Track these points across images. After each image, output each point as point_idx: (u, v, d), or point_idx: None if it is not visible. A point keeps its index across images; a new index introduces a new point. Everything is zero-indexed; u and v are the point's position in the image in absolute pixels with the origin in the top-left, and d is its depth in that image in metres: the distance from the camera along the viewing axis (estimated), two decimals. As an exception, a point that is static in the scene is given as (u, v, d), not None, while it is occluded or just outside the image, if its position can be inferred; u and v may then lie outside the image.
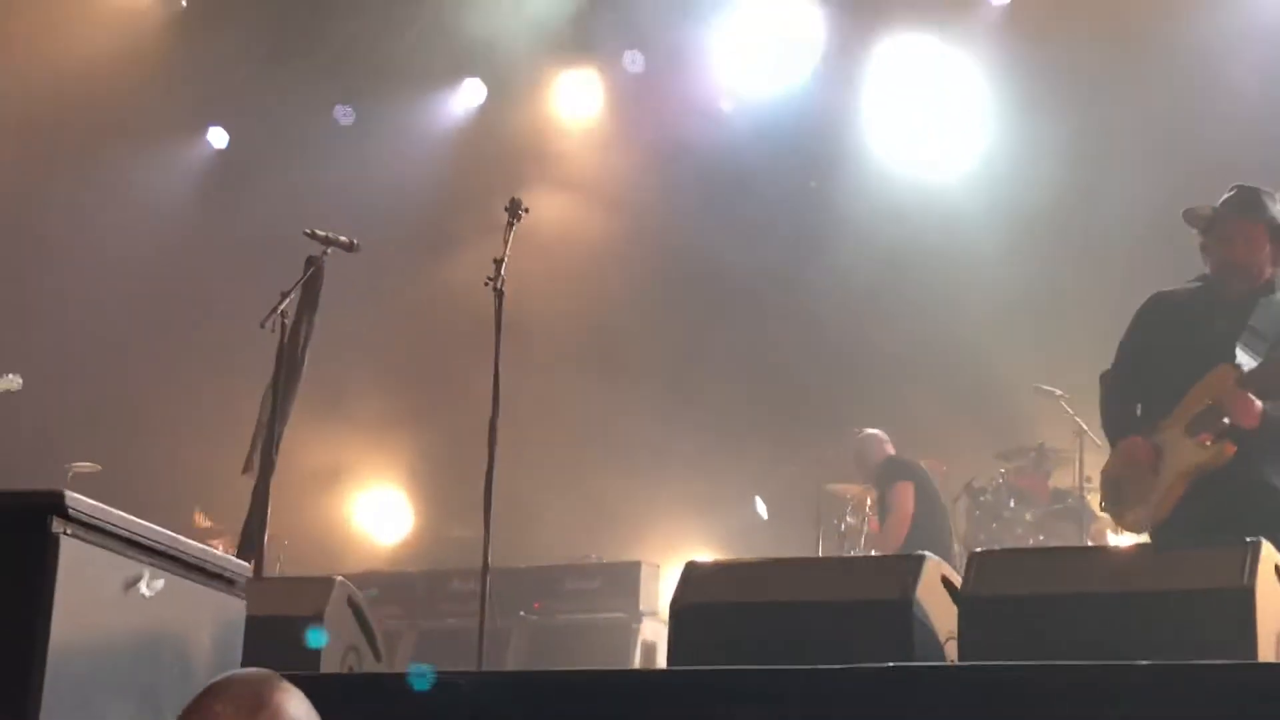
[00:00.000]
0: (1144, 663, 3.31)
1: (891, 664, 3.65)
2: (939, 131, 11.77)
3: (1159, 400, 5.95)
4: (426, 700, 3.67)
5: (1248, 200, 6.01)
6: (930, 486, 9.78)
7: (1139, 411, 6.01)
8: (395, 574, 10.69)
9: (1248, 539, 4.36)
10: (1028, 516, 9.71)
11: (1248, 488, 5.60)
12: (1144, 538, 6.07)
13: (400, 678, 3.93)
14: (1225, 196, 6.07)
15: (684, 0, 12.00)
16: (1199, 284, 6.11)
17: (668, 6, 12.02)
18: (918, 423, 9.84)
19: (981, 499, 9.75)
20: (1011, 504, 9.75)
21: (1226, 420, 5.61)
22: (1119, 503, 5.93)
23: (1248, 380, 5.63)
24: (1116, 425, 6.02)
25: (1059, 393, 9.80)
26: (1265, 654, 4.02)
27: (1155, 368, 6.00)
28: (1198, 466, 5.62)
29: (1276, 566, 4.33)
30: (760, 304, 11.95)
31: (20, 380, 8.72)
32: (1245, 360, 5.70)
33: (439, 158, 12.84)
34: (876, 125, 12.06)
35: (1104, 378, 6.16)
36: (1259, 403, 5.61)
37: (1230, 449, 5.58)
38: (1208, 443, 5.62)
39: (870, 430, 10.05)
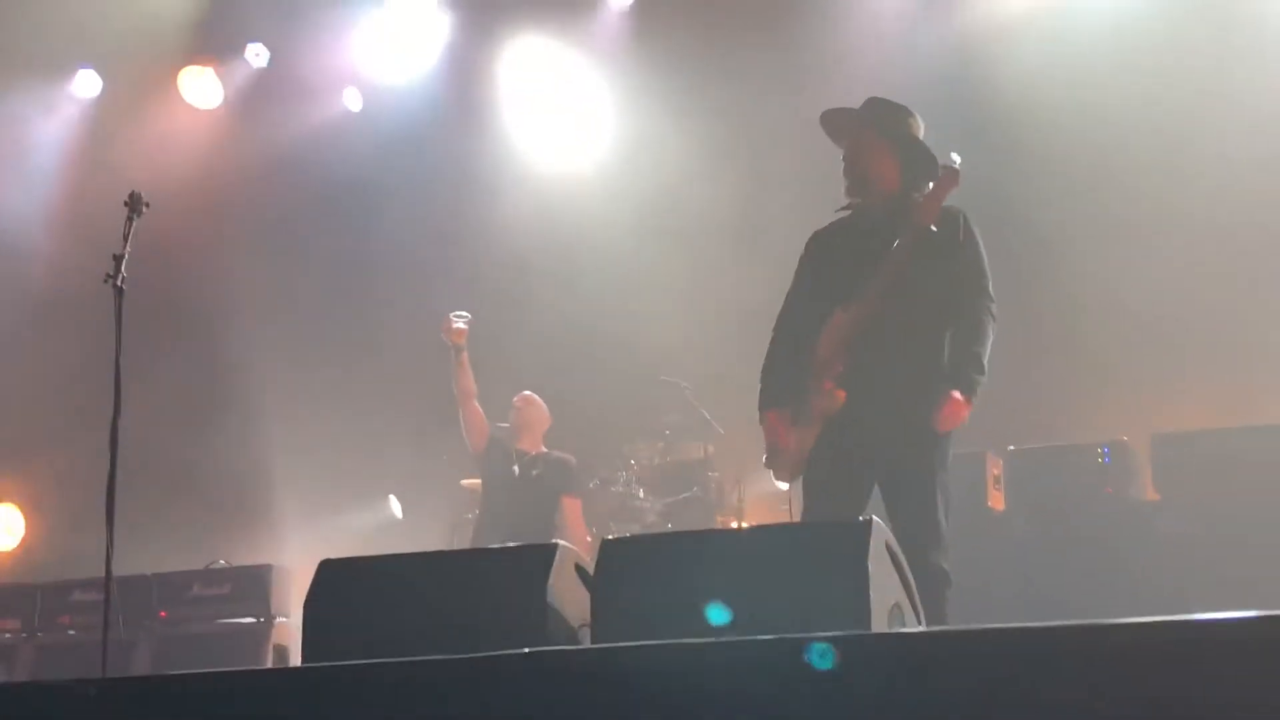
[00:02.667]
0: (766, 637, 3.44)
1: (527, 650, 3.70)
2: (570, 125, 11.96)
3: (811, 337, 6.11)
4: (52, 711, 3.54)
5: (875, 113, 6.20)
6: None
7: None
8: (11, 586, 10.21)
9: (860, 518, 4.58)
10: (658, 506, 9.94)
11: (884, 422, 5.84)
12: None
13: (25, 687, 3.77)
14: (833, 112, 6.26)
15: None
16: (845, 213, 6.24)
17: (290, -1, 11.87)
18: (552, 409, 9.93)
19: (612, 489, 9.93)
20: (640, 494, 9.97)
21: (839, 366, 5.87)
22: (769, 456, 6.18)
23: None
24: (770, 392, 6.18)
25: (685, 385, 10.06)
26: (879, 628, 4.23)
27: (812, 307, 6.14)
28: (823, 412, 5.90)
29: (887, 544, 4.56)
30: (393, 297, 11.92)
31: None
32: (870, 296, 5.89)
33: (50, 149, 12.30)
34: (508, 120, 12.18)
35: (775, 326, 6.32)
36: (956, 395, 5.81)
37: (841, 395, 5.85)
38: (827, 388, 5.89)
39: (536, 396, 9.87)
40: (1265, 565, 7.45)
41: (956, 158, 5.83)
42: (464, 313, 9.39)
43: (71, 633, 9.52)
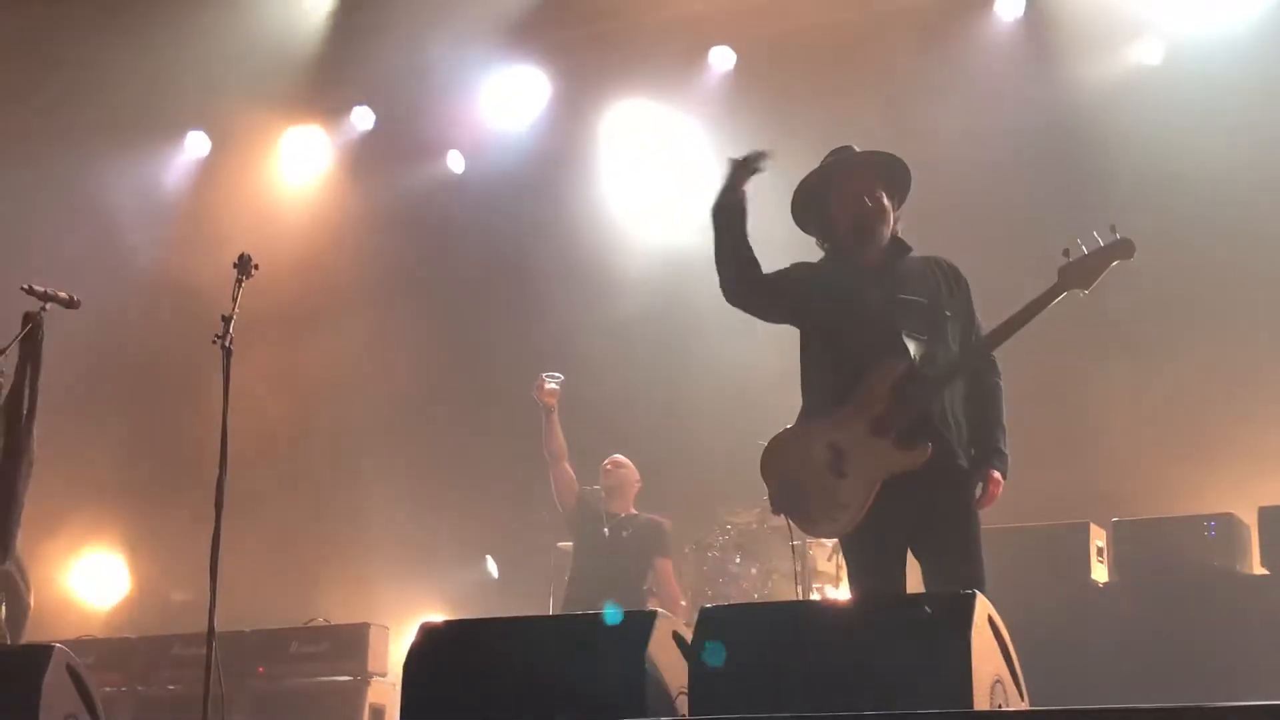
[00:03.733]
0: (870, 713, 3.42)
1: (625, 719, 3.71)
2: (674, 189, 11.98)
3: (826, 385, 5.84)
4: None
5: (855, 157, 6.08)
6: None
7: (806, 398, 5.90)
8: (113, 640, 10.35)
9: (963, 591, 4.52)
10: (754, 571, 9.87)
11: (944, 476, 5.62)
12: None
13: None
14: (829, 160, 6.13)
15: (414, 57, 12.01)
16: (834, 259, 6.02)
17: (397, 64, 12.02)
18: (646, 478, 9.91)
19: (709, 554, 9.88)
20: (738, 560, 9.90)
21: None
22: (803, 513, 5.79)
23: (917, 382, 5.61)
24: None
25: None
26: (980, 703, 4.18)
27: (815, 347, 5.92)
28: (896, 471, 5.57)
29: (990, 617, 4.50)
30: (492, 361, 11.98)
31: None
32: (911, 346, 5.66)
33: (162, 211, 12.56)
34: (611, 185, 12.24)
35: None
36: (998, 475, 5.68)
37: (929, 450, 5.55)
38: (900, 443, 5.58)
39: (625, 459, 9.82)
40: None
41: (1117, 233, 5.69)
42: (556, 374, 9.44)
43: (171, 687, 9.62)
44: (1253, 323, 9.87)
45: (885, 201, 5.96)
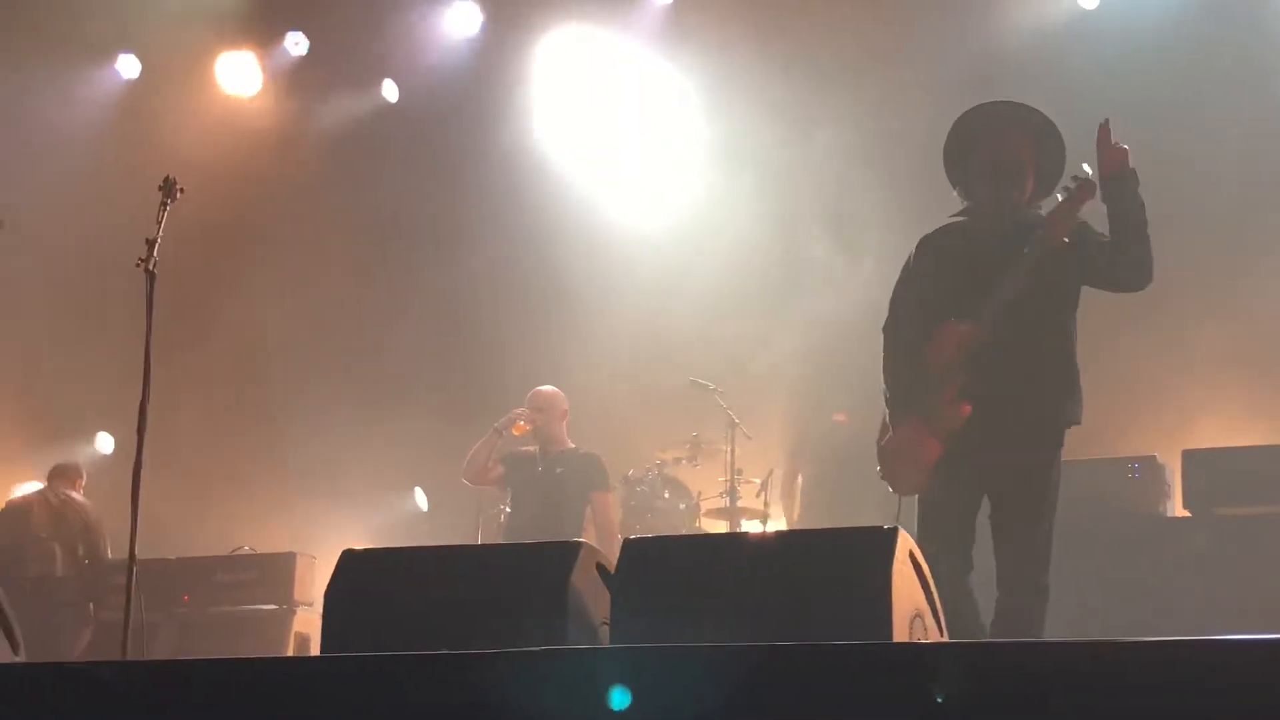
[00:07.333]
0: (788, 643, 3.42)
1: (545, 648, 3.69)
2: (607, 126, 11.91)
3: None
4: (68, 693, 3.54)
5: (1016, 110, 5.90)
6: None
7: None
8: (37, 567, 10.25)
9: (885, 526, 4.55)
10: (681, 506, 9.91)
11: (1011, 429, 5.68)
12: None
13: (41, 668, 3.78)
14: (989, 105, 5.92)
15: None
16: (961, 220, 5.98)
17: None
18: (576, 414, 9.91)
19: (637, 489, 9.91)
20: (666, 495, 9.94)
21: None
22: (892, 471, 5.93)
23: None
24: (906, 399, 5.85)
25: (713, 386, 10.01)
26: (899, 636, 4.20)
27: (925, 316, 5.88)
28: (949, 427, 5.71)
29: (911, 553, 4.52)
30: (426, 290, 11.90)
31: None
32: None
33: (90, 132, 12.33)
34: (543, 117, 12.14)
35: (885, 330, 6.02)
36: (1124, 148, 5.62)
37: (966, 409, 5.67)
38: (951, 401, 5.69)
39: (548, 388, 9.81)
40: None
41: (1087, 168, 5.62)
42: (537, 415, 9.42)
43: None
44: (1182, 272, 9.90)
45: (1033, 171, 5.85)
